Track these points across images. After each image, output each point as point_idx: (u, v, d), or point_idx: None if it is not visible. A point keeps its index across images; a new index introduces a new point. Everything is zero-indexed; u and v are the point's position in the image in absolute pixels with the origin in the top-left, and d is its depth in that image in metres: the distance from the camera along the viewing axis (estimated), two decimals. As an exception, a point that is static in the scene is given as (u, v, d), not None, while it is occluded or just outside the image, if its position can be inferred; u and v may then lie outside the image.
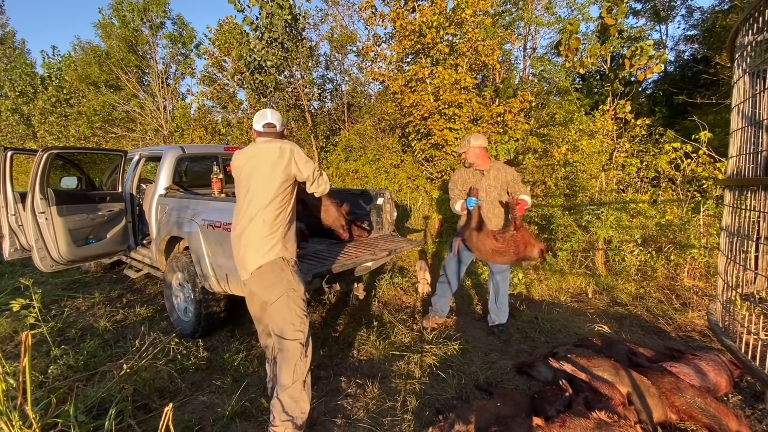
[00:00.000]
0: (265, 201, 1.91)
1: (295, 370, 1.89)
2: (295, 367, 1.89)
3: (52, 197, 3.36)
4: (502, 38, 8.08)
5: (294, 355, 1.90)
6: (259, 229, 1.92)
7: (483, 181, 3.10)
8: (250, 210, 1.94)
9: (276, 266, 1.94)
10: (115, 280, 4.89)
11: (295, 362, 1.90)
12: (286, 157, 1.94)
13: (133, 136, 12.03)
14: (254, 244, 1.93)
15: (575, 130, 5.50)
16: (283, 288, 1.93)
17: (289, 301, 1.93)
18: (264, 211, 1.92)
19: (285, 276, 1.95)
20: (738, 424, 1.87)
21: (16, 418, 1.65)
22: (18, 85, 14.67)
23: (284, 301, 1.92)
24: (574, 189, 5.40)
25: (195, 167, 4.14)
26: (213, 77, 11.39)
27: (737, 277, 1.40)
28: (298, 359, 1.90)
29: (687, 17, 12.26)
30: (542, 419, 1.79)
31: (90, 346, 2.94)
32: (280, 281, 1.93)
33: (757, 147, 1.36)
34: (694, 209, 4.53)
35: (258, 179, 1.93)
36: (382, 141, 8.71)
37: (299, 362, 1.90)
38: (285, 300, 1.92)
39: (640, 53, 4.57)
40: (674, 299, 3.76)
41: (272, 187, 1.92)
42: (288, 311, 1.93)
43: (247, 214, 1.95)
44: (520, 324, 3.41)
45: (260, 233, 1.92)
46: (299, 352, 1.91)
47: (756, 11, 1.27)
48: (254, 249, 1.93)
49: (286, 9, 8.26)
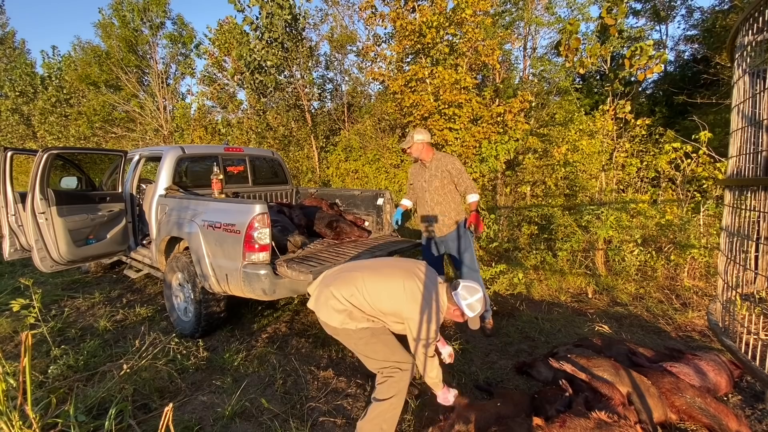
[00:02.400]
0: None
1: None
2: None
3: (52, 197, 3.36)
4: (502, 38, 8.09)
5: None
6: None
7: (426, 173, 3.20)
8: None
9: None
10: (115, 280, 4.89)
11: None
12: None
13: (133, 136, 12.02)
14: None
15: (575, 130, 5.50)
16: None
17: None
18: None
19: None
20: (738, 424, 1.87)
21: (16, 418, 1.65)
22: (18, 85, 14.67)
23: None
24: (574, 189, 5.40)
25: (195, 167, 4.15)
26: (213, 77, 11.39)
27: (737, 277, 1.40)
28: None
29: (687, 17, 12.27)
30: (542, 419, 1.79)
31: (90, 346, 2.94)
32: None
33: (757, 147, 1.36)
34: (694, 209, 4.53)
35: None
36: (382, 141, 8.71)
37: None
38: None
39: (640, 53, 4.58)
40: (674, 299, 3.76)
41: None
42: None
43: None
44: (520, 324, 3.41)
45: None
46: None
47: (756, 11, 1.27)
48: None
49: (286, 9, 8.26)
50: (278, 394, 2.42)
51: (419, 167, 3.28)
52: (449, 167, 3.14)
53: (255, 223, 2.63)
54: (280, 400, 2.35)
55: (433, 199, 3.18)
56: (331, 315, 1.91)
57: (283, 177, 4.89)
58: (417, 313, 1.84)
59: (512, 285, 4.22)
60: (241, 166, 4.47)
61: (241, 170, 4.47)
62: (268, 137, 9.42)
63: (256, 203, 2.67)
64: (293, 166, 9.25)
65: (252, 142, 9.27)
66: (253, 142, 9.24)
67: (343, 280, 1.95)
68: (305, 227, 3.77)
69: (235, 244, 2.72)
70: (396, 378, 1.92)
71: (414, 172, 3.34)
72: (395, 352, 1.97)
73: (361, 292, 1.89)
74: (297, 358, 2.86)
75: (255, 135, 9.33)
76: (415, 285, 1.89)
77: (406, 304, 1.86)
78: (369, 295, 1.88)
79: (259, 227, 2.65)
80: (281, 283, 2.70)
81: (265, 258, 2.70)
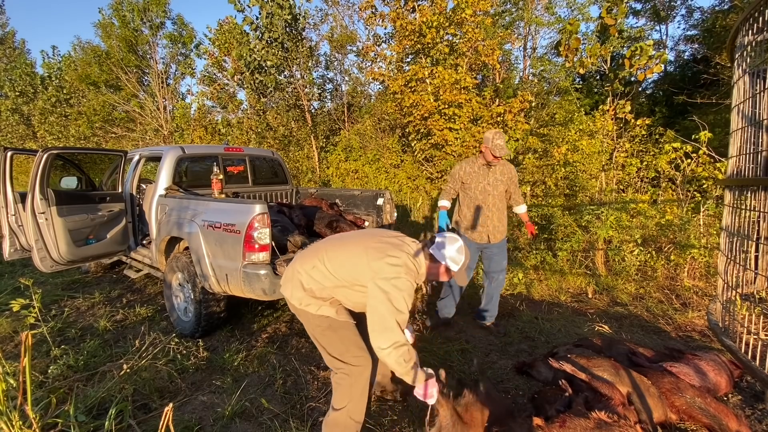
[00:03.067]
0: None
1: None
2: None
3: (52, 197, 3.36)
4: (502, 38, 8.09)
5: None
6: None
7: (490, 176, 3.05)
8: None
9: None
10: (115, 280, 4.89)
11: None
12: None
13: (133, 136, 12.03)
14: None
15: (575, 130, 5.50)
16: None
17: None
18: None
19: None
20: (738, 424, 1.87)
21: (16, 418, 1.65)
22: (18, 85, 14.67)
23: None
24: (574, 189, 5.40)
25: (195, 167, 4.15)
26: (213, 77, 11.39)
27: (737, 277, 1.40)
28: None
29: (687, 17, 12.28)
30: (542, 419, 1.79)
31: (90, 346, 2.94)
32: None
33: (757, 147, 1.36)
34: (694, 209, 4.53)
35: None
36: (382, 141, 8.72)
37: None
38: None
39: (640, 53, 4.58)
40: (674, 299, 3.75)
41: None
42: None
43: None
44: (520, 324, 3.41)
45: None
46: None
47: (756, 11, 1.27)
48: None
49: (286, 9, 8.26)
50: (278, 394, 2.42)
51: (480, 168, 3.04)
52: (512, 174, 3.07)
53: (255, 223, 2.63)
54: (280, 400, 2.35)
55: (495, 204, 3.05)
56: (293, 292, 1.80)
57: (283, 177, 4.89)
58: (381, 278, 1.62)
59: (512, 285, 4.22)
60: (241, 166, 4.47)
61: (241, 170, 4.47)
62: (268, 137, 9.42)
63: (256, 203, 2.67)
64: (293, 166, 9.25)
65: (252, 142, 9.27)
66: (253, 142, 9.24)
67: (307, 254, 1.85)
68: (305, 227, 3.76)
69: (235, 244, 2.72)
70: (346, 384, 1.79)
71: (472, 172, 3.06)
72: (349, 350, 1.81)
73: (323, 262, 1.76)
74: (297, 358, 2.86)
75: (255, 135, 9.33)
76: (380, 245, 1.72)
77: (367, 267, 1.67)
78: (330, 262, 1.75)
79: (259, 227, 2.65)
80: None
81: (265, 258, 2.70)
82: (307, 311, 1.80)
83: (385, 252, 1.70)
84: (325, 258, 1.77)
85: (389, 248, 1.73)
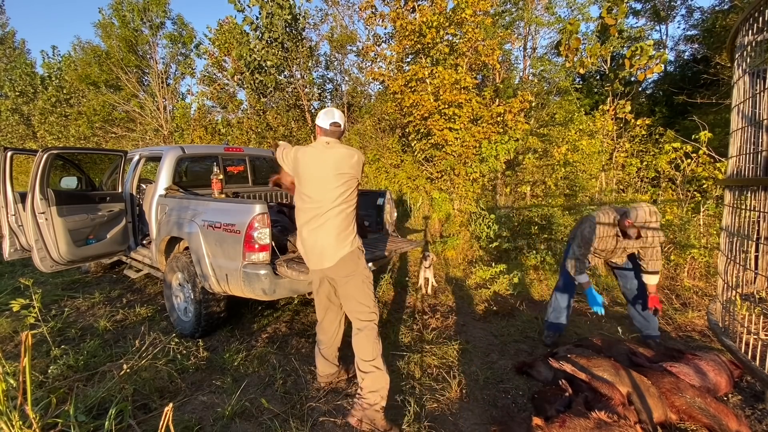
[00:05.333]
0: (340, 199, 2.10)
1: (374, 347, 2.12)
2: (373, 344, 2.12)
3: (52, 197, 3.36)
4: (502, 38, 8.08)
5: (372, 333, 2.14)
6: (338, 224, 2.10)
7: (619, 244, 2.69)
8: (323, 207, 2.10)
9: (354, 256, 2.16)
10: (115, 280, 4.89)
11: (372, 340, 2.12)
12: (361, 164, 2.23)
13: (133, 136, 12.03)
14: (334, 238, 2.10)
15: (575, 130, 5.51)
16: (360, 275, 2.16)
17: (364, 287, 2.17)
18: (339, 207, 2.10)
19: (361, 263, 2.18)
20: (738, 424, 1.87)
21: (16, 418, 1.65)
22: (18, 85, 14.67)
23: (360, 286, 2.16)
24: (574, 189, 5.41)
25: (195, 167, 4.15)
26: (213, 77, 11.39)
27: (737, 277, 1.40)
28: (374, 338, 2.13)
29: (687, 17, 12.28)
30: (542, 419, 1.79)
31: (90, 346, 2.94)
32: (357, 269, 2.16)
33: (757, 147, 1.36)
34: (694, 209, 4.53)
35: (332, 180, 2.09)
36: (382, 141, 8.72)
37: (375, 341, 2.13)
38: (361, 285, 2.16)
39: (640, 53, 4.57)
40: (674, 299, 3.75)
41: (349, 188, 2.14)
42: (364, 295, 2.17)
43: (321, 211, 2.10)
44: (520, 324, 3.41)
45: (339, 228, 2.10)
46: (375, 332, 2.15)
47: (756, 11, 1.27)
48: (335, 242, 2.10)
49: (286, 9, 8.27)
50: (278, 394, 2.42)
51: (611, 236, 2.70)
52: (650, 242, 2.71)
53: (255, 223, 2.63)
54: (280, 400, 2.35)
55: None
56: (339, 245, 2.07)
57: (283, 177, 4.89)
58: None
59: (512, 285, 4.22)
60: (241, 166, 4.47)
61: (241, 170, 4.47)
62: (268, 137, 9.42)
63: (256, 203, 2.67)
64: (293, 166, 9.22)
65: (252, 142, 9.27)
66: (253, 142, 9.24)
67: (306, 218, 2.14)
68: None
69: (235, 244, 2.72)
70: (374, 334, 2.11)
71: (605, 238, 2.71)
72: (374, 301, 2.19)
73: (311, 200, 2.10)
74: (297, 358, 2.86)
75: (255, 135, 9.33)
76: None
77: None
78: (313, 194, 2.10)
79: (259, 227, 2.65)
80: (281, 283, 2.70)
81: (265, 258, 2.70)
82: (352, 260, 2.10)
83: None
84: (309, 200, 2.09)
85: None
